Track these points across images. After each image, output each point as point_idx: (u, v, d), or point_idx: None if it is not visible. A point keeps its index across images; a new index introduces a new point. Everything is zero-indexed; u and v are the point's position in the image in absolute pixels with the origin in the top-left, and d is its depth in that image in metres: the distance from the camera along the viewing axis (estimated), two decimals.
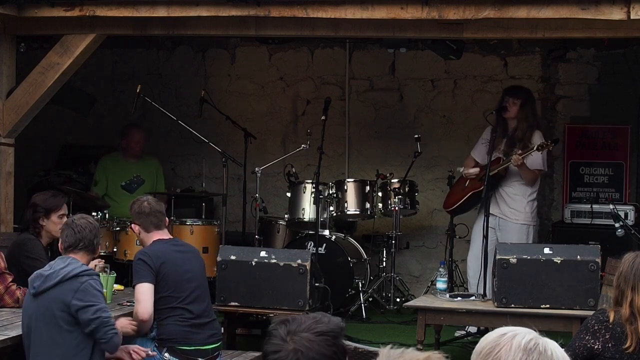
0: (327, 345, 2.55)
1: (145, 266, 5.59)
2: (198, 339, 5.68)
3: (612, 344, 4.34)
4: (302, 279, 6.76)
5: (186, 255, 5.83)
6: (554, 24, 6.62)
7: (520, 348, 2.25)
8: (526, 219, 7.96)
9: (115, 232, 8.31)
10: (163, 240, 5.80)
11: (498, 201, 7.97)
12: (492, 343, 2.30)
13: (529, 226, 7.99)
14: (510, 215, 7.96)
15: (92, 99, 10.47)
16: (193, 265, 5.82)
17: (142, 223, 5.81)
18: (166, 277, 5.63)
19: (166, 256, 5.68)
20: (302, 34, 7.36)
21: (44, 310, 4.85)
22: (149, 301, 5.55)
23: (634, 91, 9.37)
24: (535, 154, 7.75)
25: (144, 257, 5.63)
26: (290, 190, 8.86)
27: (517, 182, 7.95)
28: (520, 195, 7.95)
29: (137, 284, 5.60)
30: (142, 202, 5.86)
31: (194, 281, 5.76)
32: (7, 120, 7.29)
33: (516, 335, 2.28)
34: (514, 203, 7.96)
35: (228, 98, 10.26)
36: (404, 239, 9.48)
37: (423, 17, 6.50)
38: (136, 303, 5.58)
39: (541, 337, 2.29)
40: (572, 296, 6.40)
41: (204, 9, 6.78)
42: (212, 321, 5.84)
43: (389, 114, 10.07)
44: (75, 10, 6.94)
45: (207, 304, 5.84)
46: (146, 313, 5.53)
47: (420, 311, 6.68)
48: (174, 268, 5.67)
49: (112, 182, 9.16)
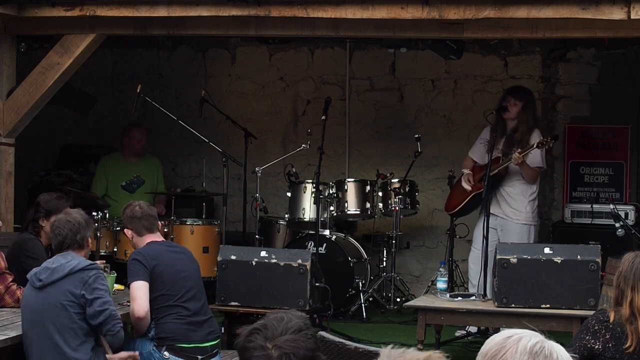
0: (308, 339, 2.57)
1: (139, 265, 5.62)
2: (197, 336, 5.69)
3: (612, 344, 4.34)
4: (303, 278, 6.76)
5: (180, 256, 5.87)
6: (554, 24, 6.62)
7: (526, 351, 2.25)
8: (527, 218, 7.96)
9: (115, 232, 8.31)
10: (157, 242, 5.83)
11: (499, 201, 7.97)
12: (497, 345, 2.29)
13: (530, 226, 7.99)
14: (511, 215, 7.96)
15: (92, 99, 10.47)
16: (187, 265, 5.85)
17: (135, 227, 5.84)
18: (161, 276, 5.65)
19: (160, 256, 5.71)
20: (303, 33, 7.36)
21: (53, 301, 4.92)
22: (143, 298, 5.57)
23: (634, 91, 9.37)
24: (534, 152, 7.75)
25: (138, 256, 5.66)
26: (291, 190, 8.86)
27: (517, 181, 7.94)
28: (521, 194, 7.95)
29: (131, 282, 5.63)
30: (134, 207, 5.90)
31: (190, 280, 5.78)
32: (8, 120, 7.29)
33: (522, 338, 2.28)
34: (515, 203, 7.95)
35: (228, 98, 10.26)
36: (405, 238, 9.47)
37: (423, 17, 6.50)
38: (132, 301, 5.61)
39: (547, 341, 2.28)
40: (573, 296, 6.40)
41: (205, 9, 6.78)
42: (210, 319, 5.86)
43: (389, 114, 10.07)
44: (75, 10, 6.94)
45: (203, 302, 5.85)
46: (142, 310, 5.55)
47: (421, 311, 6.67)
48: (169, 267, 5.69)
49: (112, 182, 9.16)
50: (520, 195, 7.95)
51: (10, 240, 6.42)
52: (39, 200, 6.23)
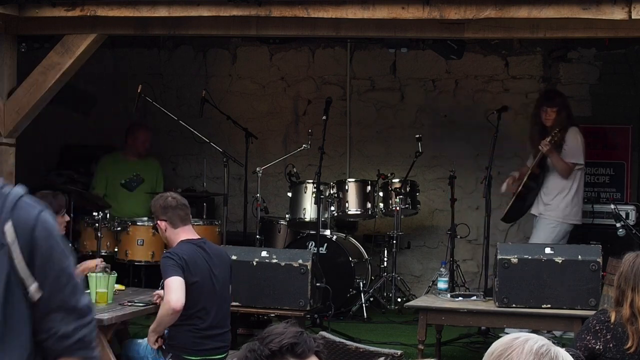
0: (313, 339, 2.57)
1: (176, 265, 5.40)
2: (206, 350, 5.57)
3: (613, 344, 4.34)
4: (303, 279, 6.77)
5: (213, 261, 5.63)
6: (555, 24, 6.62)
7: (532, 352, 2.27)
8: (558, 216, 7.88)
9: (116, 232, 8.32)
10: (191, 241, 5.63)
11: (537, 201, 7.98)
12: (504, 345, 2.32)
13: (560, 224, 7.89)
14: (543, 212, 7.95)
15: (93, 99, 10.47)
16: (218, 273, 5.63)
17: (170, 217, 5.61)
18: (190, 288, 5.44)
19: (194, 264, 5.49)
20: (303, 33, 7.36)
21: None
22: (180, 291, 5.35)
23: (635, 91, 9.38)
24: (570, 146, 7.78)
25: (174, 257, 5.44)
26: (291, 190, 8.86)
27: (553, 179, 7.93)
28: (555, 191, 7.91)
29: (168, 277, 5.39)
30: (167, 197, 5.67)
31: (216, 292, 5.59)
32: (8, 120, 7.28)
33: (529, 339, 2.31)
34: (548, 198, 7.93)
35: (229, 98, 10.26)
36: (405, 238, 9.47)
37: (424, 17, 6.49)
38: (168, 292, 5.37)
39: (553, 345, 2.31)
40: (574, 296, 6.40)
41: (205, 9, 6.78)
42: (225, 333, 5.70)
43: (390, 114, 10.07)
44: (76, 10, 6.93)
45: (224, 313, 5.69)
46: (180, 303, 5.34)
47: (422, 311, 6.68)
48: (199, 279, 5.48)
49: (112, 180, 9.15)
50: (554, 191, 7.92)
51: None
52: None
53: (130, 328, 6.78)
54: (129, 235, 8.26)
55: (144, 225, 8.28)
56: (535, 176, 7.94)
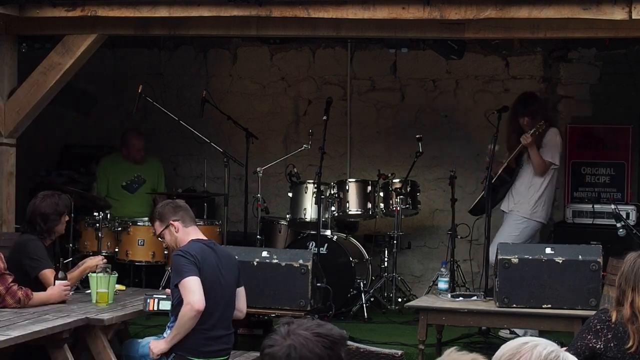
0: (323, 347, 2.57)
1: (190, 263, 5.39)
2: (208, 352, 5.54)
3: (614, 344, 4.34)
4: (304, 279, 6.76)
5: (222, 262, 5.64)
6: (555, 24, 6.62)
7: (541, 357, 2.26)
8: (526, 212, 7.92)
9: (117, 233, 8.31)
10: (202, 242, 5.66)
11: (508, 197, 8.01)
12: (513, 350, 2.31)
13: (528, 220, 7.94)
14: (512, 207, 7.98)
15: (94, 99, 10.47)
16: (226, 273, 5.64)
17: (182, 217, 5.68)
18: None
19: (206, 261, 5.49)
20: (304, 34, 7.37)
21: None
22: (200, 291, 5.34)
23: (635, 91, 9.37)
24: (548, 146, 7.81)
25: (187, 255, 5.43)
26: (292, 191, 8.86)
27: (526, 176, 7.94)
28: (526, 187, 7.94)
29: (185, 277, 5.36)
30: (172, 201, 5.76)
31: (224, 293, 5.60)
32: (9, 120, 7.29)
33: (537, 345, 2.30)
34: (519, 195, 7.96)
35: (229, 98, 10.26)
36: (406, 239, 9.47)
37: (424, 17, 6.50)
38: (188, 295, 5.34)
39: (562, 351, 2.30)
40: (574, 296, 6.40)
41: (206, 9, 6.78)
42: (229, 335, 5.69)
43: (391, 114, 10.07)
44: (76, 11, 6.94)
45: (228, 315, 5.69)
46: (202, 303, 5.33)
47: (422, 311, 6.68)
48: (210, 278, 5.48)
49: (113, 183, 9.16)
50: (525, 188, 7.95)
51: (12, 241, 6.42)
52: (44, 210, 6.13)
53: (130, 328, 6.78)
54: (130, 235, 8.26)
55: (145, 226, 8.27)
56: (511, 170, 7.97)
